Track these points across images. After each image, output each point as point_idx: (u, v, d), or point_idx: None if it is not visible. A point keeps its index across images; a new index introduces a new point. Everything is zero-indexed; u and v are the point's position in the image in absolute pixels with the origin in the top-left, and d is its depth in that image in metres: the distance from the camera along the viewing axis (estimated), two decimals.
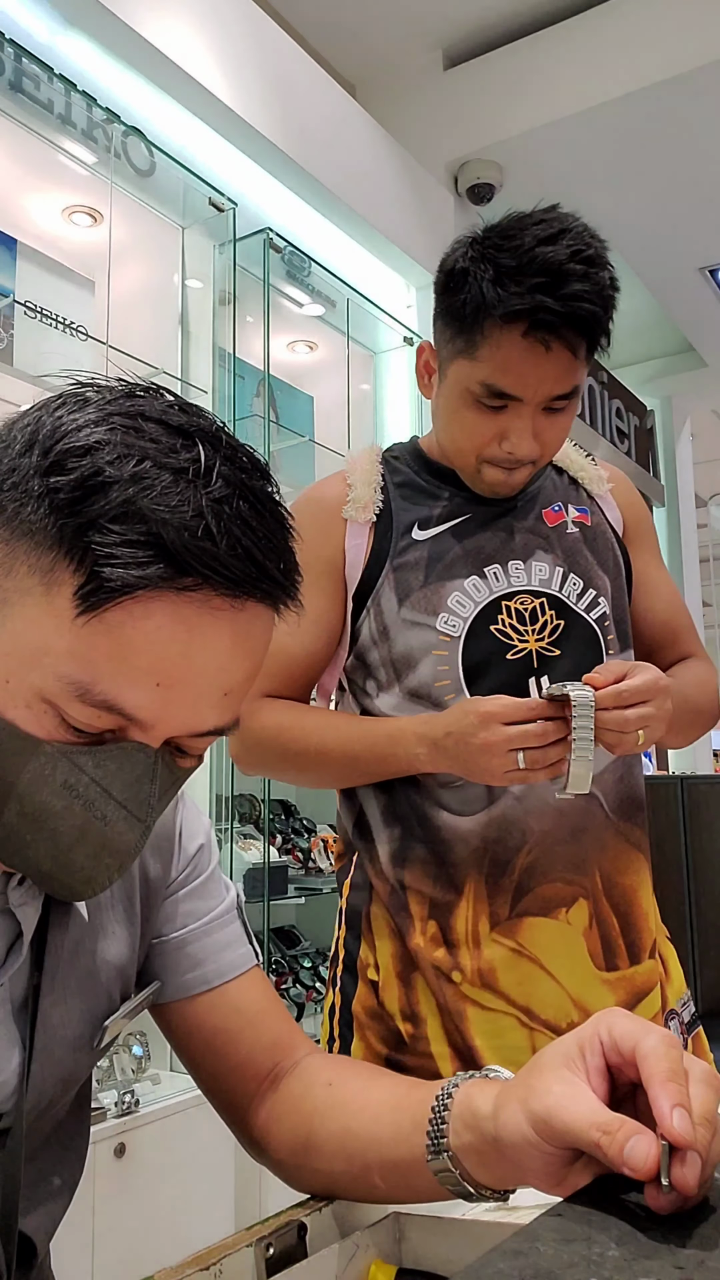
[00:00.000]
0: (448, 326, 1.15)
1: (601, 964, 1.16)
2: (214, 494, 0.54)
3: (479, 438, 1.16)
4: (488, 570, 1.20)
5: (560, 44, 3.26)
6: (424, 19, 3.35)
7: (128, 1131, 1.89)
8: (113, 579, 0.52)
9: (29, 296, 2.11)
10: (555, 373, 1.11)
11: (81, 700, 0.54)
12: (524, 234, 1.08)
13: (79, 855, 0.58)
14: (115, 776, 0.57)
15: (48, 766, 0.56)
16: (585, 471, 1.30)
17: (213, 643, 0.56)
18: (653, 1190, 0.48)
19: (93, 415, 0.56)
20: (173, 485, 0.54)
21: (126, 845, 0.59)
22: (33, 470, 0.55)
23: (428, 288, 3.23)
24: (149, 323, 2.50)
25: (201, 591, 0.54)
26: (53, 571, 0.54)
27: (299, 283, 2.89)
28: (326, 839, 2.79)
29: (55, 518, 0.53)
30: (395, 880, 1.18)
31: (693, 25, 3.02)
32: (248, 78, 2.48)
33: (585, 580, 1.22)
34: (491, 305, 1.08)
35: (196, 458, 0.55)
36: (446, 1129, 0.62)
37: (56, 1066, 0.68)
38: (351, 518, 1.23)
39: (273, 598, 0.58)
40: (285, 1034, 0.79)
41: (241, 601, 0.56)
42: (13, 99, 2.11)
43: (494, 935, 1.14)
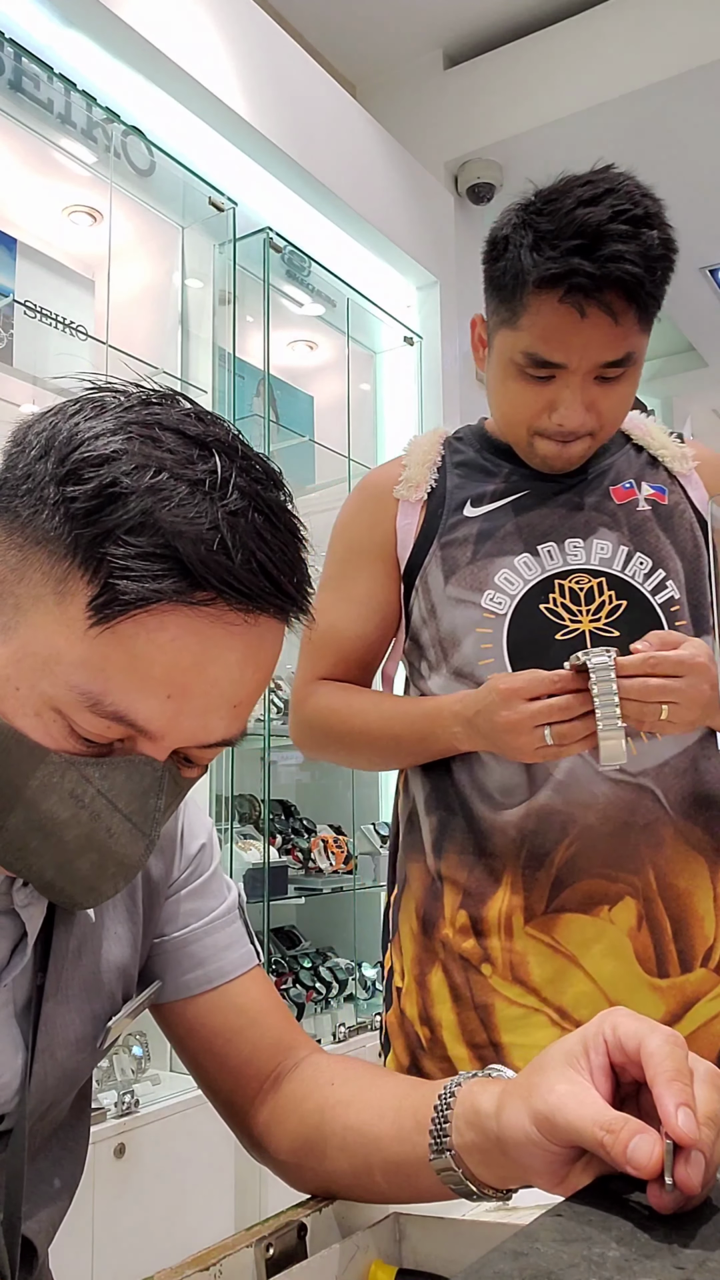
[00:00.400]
0: (492, 297, 1.12)
1: (653, 968, 1.09)
2: (230, 506, 0.54)
3: (527, 409, 1.12)
4: (541, 548, 1.15)
5: (560, 44, 3.26)
6: (424, 19, 3.35)
7: (128, 1131, 1.89)
8: (127, 591, 0.52)
9: (29, 296, 2.10)
10: (599, 339, 1.06)
11: (92, 710, 0.54)
12: (567, 196, 1.04)
13: (83, 865, 0.58)
14: (122, 789, 0.57)
15: (55, 776, 0.56)
16: (667, 449, 1.24)
17: (225, 656, 0.55)
18: (655, 1189, 0.48)
19: (110, 423, 0.55)
20: (189, 497, 0.53)
21: (131, 858, 0.59)
22: (48, 477, 0.54)
23: (428, 287, 3.27)
24: (149, 322, 2.50)
25: (215, 606, 0.54)
26: (66, 581, 0.54)
27: (299, 282, 2.89)
28: (326, 839, 2.79)
29: (70, 527, 0.53)
30: (435, 870, 1.15)
31: (693, 25, 3.02)
32: (248, 77, 2.48)
33: (654, 560, 1.15)
34: (527, 271, 1.04)
35: (213, 469, 0.55)
36: (449, 1128, 0.62)
37: (59, 1067, 0.68)
38: (403, 497, 1.21)
39: (285, 612, 0.58)
40: (287, 1034, 0.79)
41: (255, 616, 0.56)
42: (13, 98, 2.10)
43: (528, 929, 1.09)
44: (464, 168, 3.48)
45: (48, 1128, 0.71)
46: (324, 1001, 2.61)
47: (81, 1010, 0.70)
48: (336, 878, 2.72)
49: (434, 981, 1.13)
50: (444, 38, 3.45)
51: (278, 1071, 0.77)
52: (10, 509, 0.56)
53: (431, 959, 1.14)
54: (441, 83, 3.49)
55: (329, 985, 2.63)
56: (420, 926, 1.16)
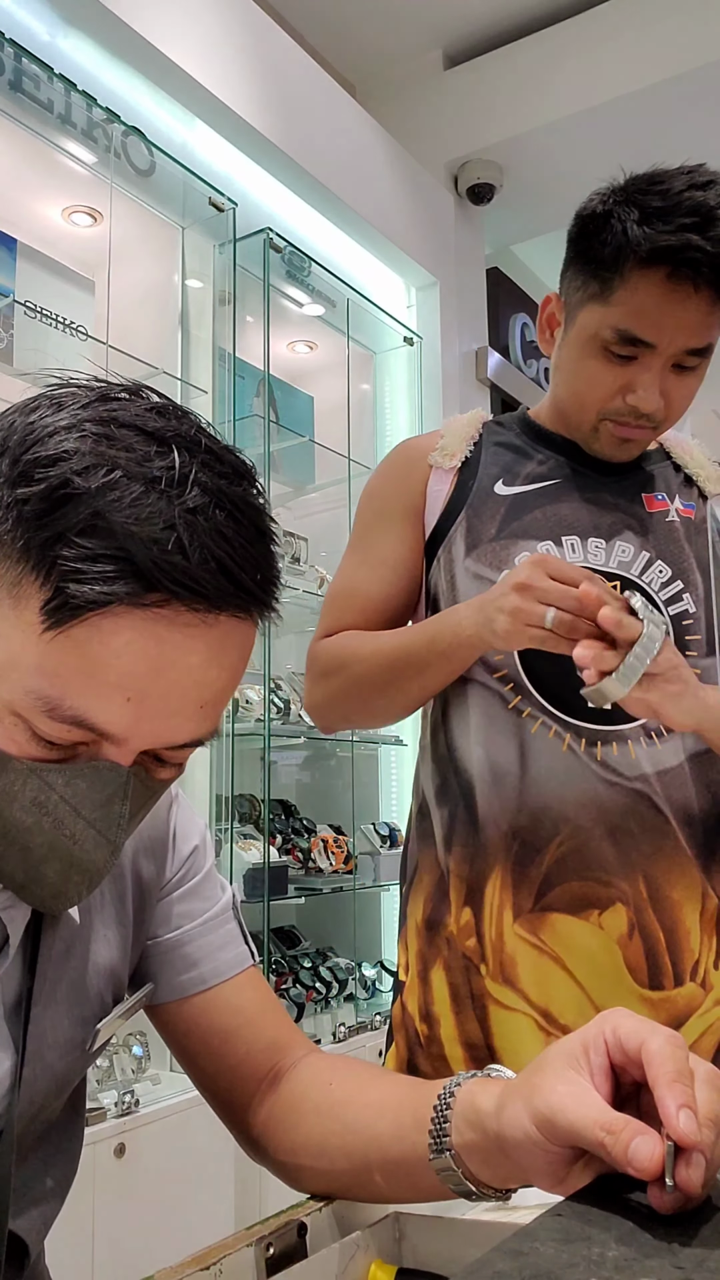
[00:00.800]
0: (580, 272, 1.11)
1: (644, 980, 1.07)
2: (188, 504, 0.52)
3: (603, 389, 1.11)
4: (565, 540, 1.14)
5: (560, 44, 3.26)
6: (424, 19, 3.35)
7: (128, 1131, 1.89)
8: (78, 595, 0.51)
9: (29, 296, 2.11)
10: (693, 321, 1.06)
11: (49, 715, 0.53)
12: (673, 180, 1.05)
13: (49, 870, 0.58)
14: (85, 796, 0.56)
15: (17, 783, 0.56)
16: (704, 469, 1.25)
17: (185, 658, 0.54)
18: (656, 1190, 0.48)
19: (64, 421, 0.54)
20: (144, 496, 0.52)
21: (94, 864, 0.58)
22: (2, 479, 0.53)
23: (427, 288, 3.27)
24: (149, 323, 2.50)
25: (170, 607, 0.53)
26: (20, 585, 0.53)
27: (299, 283, 2.89)
28: (326, 839, 2.79)
29: (22, 530, 0.52)
30: (445, 865, 1.14)
31: (693, 25, 3.02)
32: (248, 78, 2.48)
33: (675, 570, 1.15)
34: (637, 243, 1.03)
35: (171, 465, 0.53)
36: (449, 1127, 0.62)
37: (48, 1070, 0.68)
38: (437, 463, 1.20)
39: (247, 610, 0.56)
40: (284, 1034, 0.78)
41: (214, 616, 0.54)
42: (13, 99, 2.10)
43: (516, 927, 1.08)
44: (464, 168, 3.48)
45: (39, 1129, 0.71)
46: (324, 1001, 2.61)
47: (70, 1013, 0.69)
48: (336, 878, 2.72)
49: (435, 979, 1.13)
50: (444, 38, 3.45)
51: (275, 1072, 0.77)
52: None
53: (435, 955, 1.13)
54: (441, 83, 3.49)
55: (329, 985, 2.64)
56: (426, 922, 1.15)
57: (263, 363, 2.58)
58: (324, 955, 2.76)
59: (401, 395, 3.27)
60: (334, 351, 3.13)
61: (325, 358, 3.16)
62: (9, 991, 0.66)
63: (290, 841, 2.73)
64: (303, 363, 3.14)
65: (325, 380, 3.13)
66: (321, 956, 2.74)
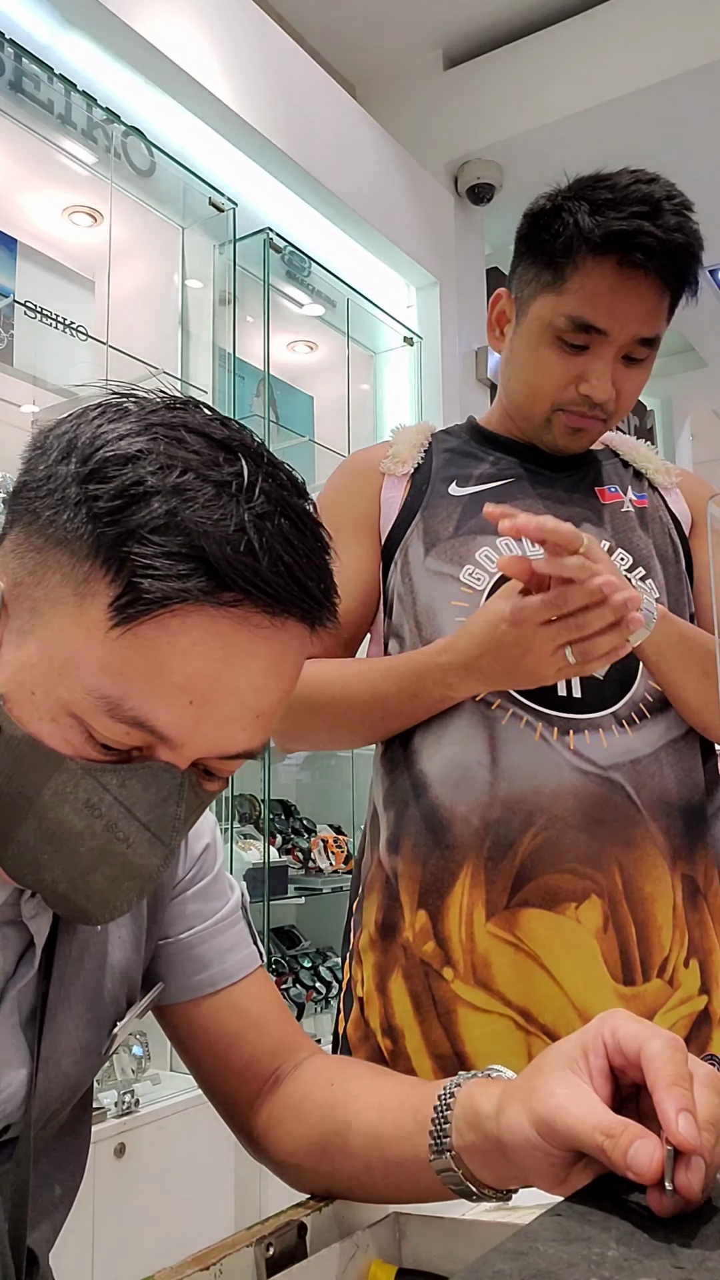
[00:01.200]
0: (532, 265, 1.13)
1: (619, 975, 1.05)
2: (256, 509, 0.53)
3: (556, 378, 1.12)
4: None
5: (560, 44, 3.26)
6: (424, 19, 3.35)
7: (128, 1131, 1.89)
8: (151, 591, 0.51)
9: (29, 296, 2.10)
10: (644, 308, 1.09)
11: (110, 716, 0.53)
12: (619, 175, 1.08)
13: (97, 878, 0.57)
14: (140, 797, 0.55)
15: (70, 784, 0.55)
16: (651, 463, 1.27)
17: (249, 662, 0.54)
18: (655, 1194, 0.48)
19: (133, 425, 0.55)
20: (215, 498, 0.52)
21: (148, 869, 0.57)
22: (71, 478, 0.54)
23: (428, 288, 3.27)
24: (149, 323, 2.50)
25: (242, 608, 0.53)
26: (87, 582, 0.53)
27: (299, 283, 2.89)
28: (326, 839, 2.79)
29: (93, 526, 0.52)
30: (390, 869, 1.12)
31: (693, 25, 3.02)
32: (248, 78, 2.48)
33: (635, 558, 1.16)
34: (589, 231, 1.06)
35: (239, 472, 0.54)
36: (449, 1128, 0.62)
37: (62, 1076, 0.68)
38: (389, 471, 1.21)
39: (312, 616, 0.57)
40: (288, 1036, 0.79)
41: (281, 620, 0.55)
42: (13, 99, 2.11)
43: (490, 926, 1.05)
44: (464, 168, 3.48)
45: (49, 1133, 0.71)
46: (324, 1001, 2.62)
47: (85, 1017, 0.69)
48: (336, 877, 2.72)
49: (395, 989, 1.10)
50: (444, 38, 3.45)
51: (279, 1073, 0.77)
52: (30, 510, 0.56)
53: (392, 965, 1.10)
54: (441, 83, 3.49)
55: (329, 985, 2.64)
56: (379, 932, 1.12)
57: (263, 363, 2.58)
58: (324, 955, 2.76)
59: (401, 395, 3.27)
60: (334, 351, 3.13)
61: (325, 358, 3.16)
62: (26, 998, 0.66)
63: (290, 841, 2.74)
64: (303, 363, 3.14)
65: (325, 380, 3.13)
66: (321, 956, 2.74)
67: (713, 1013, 1.10)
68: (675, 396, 5.44)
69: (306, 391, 3.05)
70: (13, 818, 0.56)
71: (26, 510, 0.56)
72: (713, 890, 1.15)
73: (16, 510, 0.58)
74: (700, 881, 1.13)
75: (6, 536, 0.58)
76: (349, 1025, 1.15)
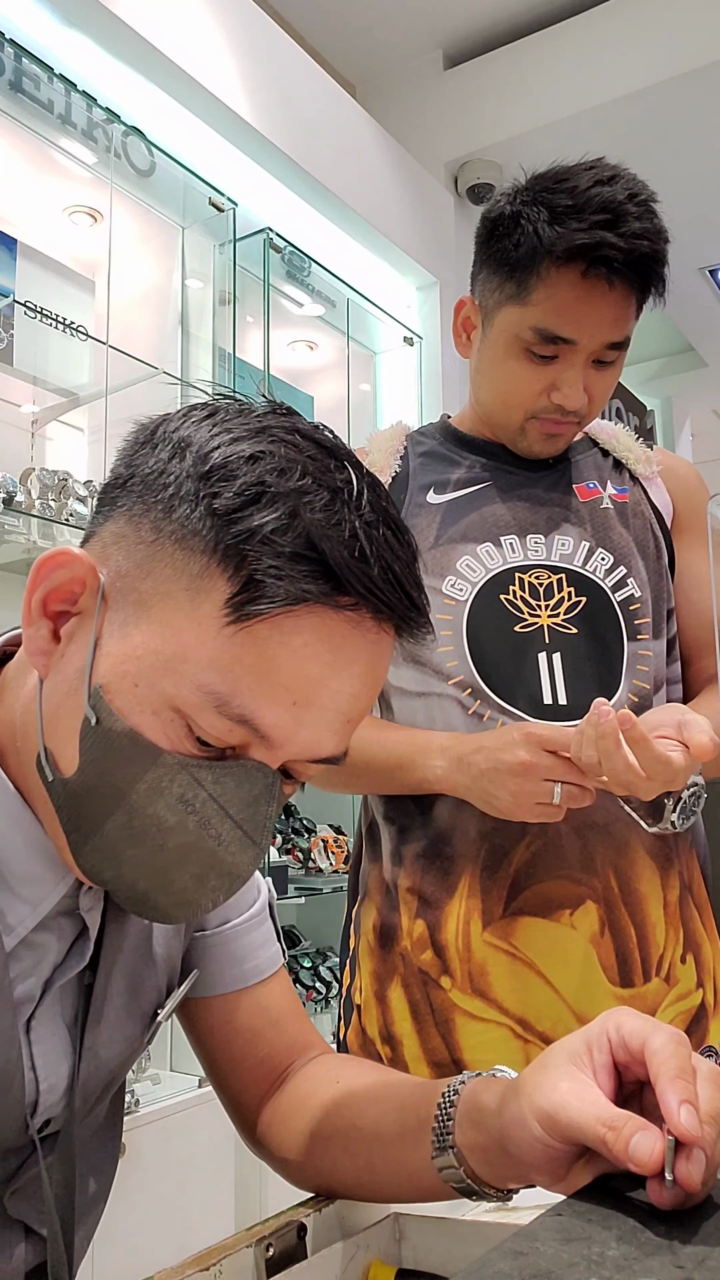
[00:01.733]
0: (495, 274, 1.11)
1: (616, 977, 1.06)
2: (365, 517, 0.54)
3: (527, 389, 1.11)
4: (503, 539, 1.14)
5: (560, 44, 3.26)
6: (424, 19, 3.35)
7: (128, 1131, 1.89)
8: (274, 590, 0.52)
9: (29, 296, 2.10)
10: (610, 315, 1.07)
11: (218, 711, 0.53)
12: (577, 177, 1.06)
13: (182, 876, 0.57)
14: (234, 794, 0.56)
15: (165, 778, 0.55)
16: (632, 452, 1.25)
17: (351, 665, 0.55)
18: (656, 1186, 0.48)
19: (249, 427, 0.56)
20: (331, 503, 0.53)
21: (239, 867, 0.58)
22: (186, 475, 0.54)
23: (428, 287, 3.27)
24: (149, 323, 2.50)
25: (356, 611, 0.54)
26: (202, 577, 0.53)
27: (299, 283, 2.89)
28: (326, 839, 2.79)
29: (213, 522, 0.53)
30: (391, 881, 1.12)
31: (693, 25, 3.02)
32: (248, 78, 2.48)
33: (616, 557, 1.15)
34: (550, 243, 1.04)
35: (349, 479, 0.55)
36: (452, 1125, 0.62)
37: (102, 1066, 0.68)
38: None
39: (410, 624, 0.57)
40: (303, 1035, 0.79)
41: (386, 626, 0.56)
42: (13, 99, 2.10)
43: (486, 935, 1.06)
44: (464, 168, 3.48)
45: (88, 1129, 0.72)
46: (324, 1001, 2.62)
47: (127, 1008, 0.70)
48: (336, 877, 2.72)
49: (394, 997, 1.10)
50: (444, 38, 3.45)
51: (289, 1071, 0.78)
52: (141, 503, 0.56)
53: (391, 973, 1.11)
54: (441, 83, 3.49)
55: (329, 985, 2.64)
56: (378, 940, 1.13)
57: (263, 363, 2.58)
58: (324, 955, 2.76)
59: (401, 395, 3.27)
60: (334, 351, 3.13)
61: (325, 358, 3.16)
62: (71, 992, 0.65)
63: (290, 841, 2.74)
64: (303, 363, 3.14)
65: (325, 380, 3.13)
66: (321, 956, 2.74)
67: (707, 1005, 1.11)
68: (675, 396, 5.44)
69: (306, 391, 3.05)
70: (101, 812, 0.56)
71: (137, 502, 0.56)
72: (696, 883, 1.16)
73: (119, 501, 0.58)
74: (686, 877, 1.14)
75: (105, 526, 0.59)
76: (349, 1033, 1.16)
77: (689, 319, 4.62)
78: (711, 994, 1.12)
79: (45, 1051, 0.64)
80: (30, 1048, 0.63)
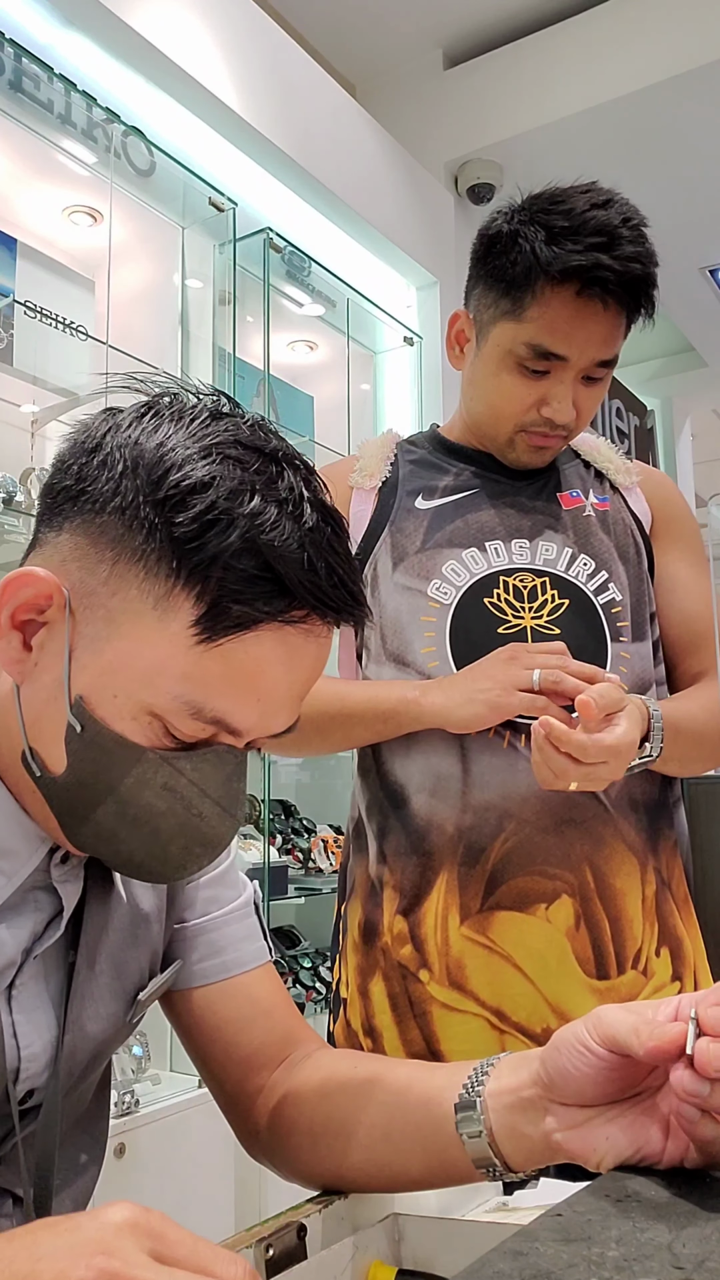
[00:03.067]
0: (490, 290, 1.15)
1: (592, 970, 1.10)
2: (307, 523, 0.59)
3: (518, 403, 1.15)
4: (488, 545, 1.18)
5: (560, 44, 3.26)
6: (424, 19, 3.35)
7: (128, 1132, 1.89)
8: (238, 614, 0.57)
9: (29, 296, 2.10)
10: (601, 334, 1.12)
11: (193, 718, 0.59)
12: (574, 199, 1.10)
13: (174, 848, 0.63)
14: (211, 777, 0.62)
15: (149, 771, 0.60)
16: (612, 463, 1.29)
17: (305, 662, 0.61)
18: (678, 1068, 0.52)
19: (195, 445, 0.59)
20: (278, 519, 0.58)
21: (220, 837, 0.64)
22: (142, 497, 0.58)
23: (428, 288, 3.27)
24: (149, 323, 2.50)
25: (309, 621, 0.60)
26: (169, 599, 0.58)
27: (299, 283, 2.89)
28: (326, 839, 2.79)
29: (174, 549, 0.57)
30: (376, 876, 1.16)
31: (693, 25, 3.02)
32: (248, 77, 2.48)
33: (598, 562, 1.19)
34: (547, 263, 1.08)
35: (291, 486, 0.60)
36: (489, 1073, 0.64)
37: (88, 1040, 0.70)
38: (358, 484, 1.24)
39: (355, 617, 0.63)
40: (296, 1028, 0.80)
41: (332, 622, 0.62)
42: (13, 99, 2.10)
43: (463, 929, 1.09)
44: (464, 168, 3.48)
45: (73, 1108, 0.73)
46: (323, 1001, 2.61)
47: (111, 985, 0.71)
48: (336, 878, 2.72)
49: (375, 991, 1.14)
50: (444, 38, 3.45)
51: (287, 1064, 0.77)
52: (97, 523, 0.59)
53: (373, 968, 1.14)
54: (441, 83, 3.49)
55: (329, 985, 2.63)
56: (362, 935, 1.16)
57: (263, 363, 2.58)
58: (324, 955, 2.75)
59: (401, 395, 3.27)
60: (334, 351, 3.13)
61: (325, 358, 3.16)
62: (54, 963, 0.68)
63: (290, 841, 2.74)
64: (303, 363, 3.14)
65: (325, 380, 3.13)
66: (321, 956, 2.74)
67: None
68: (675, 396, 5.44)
69: (306, 391, 3.05)
70: (92, 802, 0.61)
71: (93, 519, 0.60)
72: (676, 880, 1.19)
73: (69, 513, 0.61)
74: (665, 873, 1.17)
75: (60, 538, 0.62)
76: (335, 1026, 1.19)
77: (689, 319, 4.62)
78: (692, 987, 1.15)
79: (27, 1021, 0.66)
80: (11, 1015, 0.66)
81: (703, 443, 6.22)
